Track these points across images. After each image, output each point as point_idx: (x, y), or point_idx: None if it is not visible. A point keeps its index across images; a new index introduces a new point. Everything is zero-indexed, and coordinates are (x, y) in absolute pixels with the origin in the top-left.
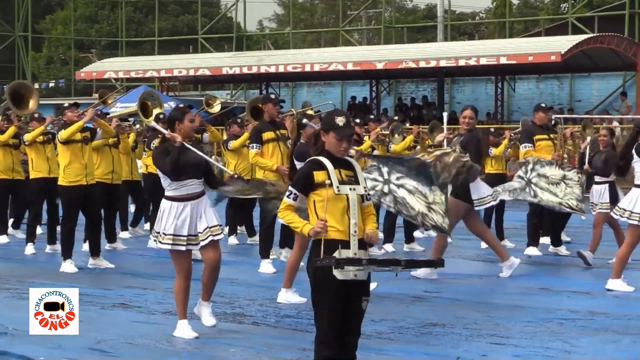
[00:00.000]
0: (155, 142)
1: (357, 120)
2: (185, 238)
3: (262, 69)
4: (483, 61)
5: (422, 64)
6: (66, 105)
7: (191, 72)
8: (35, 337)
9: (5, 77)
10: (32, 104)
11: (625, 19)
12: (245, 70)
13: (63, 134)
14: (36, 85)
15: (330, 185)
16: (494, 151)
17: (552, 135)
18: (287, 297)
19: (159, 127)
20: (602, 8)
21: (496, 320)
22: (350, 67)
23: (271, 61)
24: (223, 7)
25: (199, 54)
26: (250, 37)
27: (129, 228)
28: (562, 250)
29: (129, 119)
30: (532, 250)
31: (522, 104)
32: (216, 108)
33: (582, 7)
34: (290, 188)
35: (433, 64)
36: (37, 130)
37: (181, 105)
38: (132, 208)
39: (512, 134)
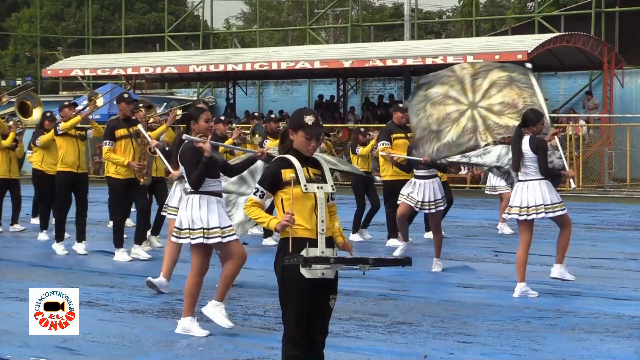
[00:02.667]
0: (41, 139)
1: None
2: (219, 230)
3: (229, 67)
4: (450, 60)
5: (389, 63)
6: None
7: (158, 70)
8: (2, 336)
9: None
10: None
11: (592, 18)
12: (212, 69)
13: None
14: (3, 83)
15: (298, 182)
16: (361, 150)
17: (408, 135)
18: (523, 290)
19: (143, 131)
20: (569, 7)
21: (463, 319)
22: (317, 65)
23: (238, 59)
24: (190, 5)
25: (166, 52)
26: (217, 35)
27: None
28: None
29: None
30: (393, 242)
31: None
32: (99, 102)
33: (548, 6)
34: (257, 185)
35: (400, 62)
36: None
37: (200, 105)
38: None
39: (378, 134)
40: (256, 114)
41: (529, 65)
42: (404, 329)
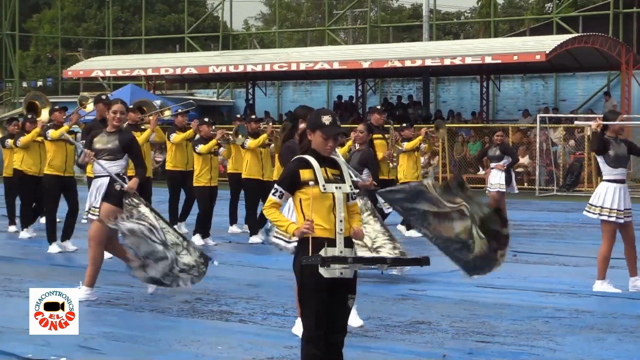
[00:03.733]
0: (22, 140)
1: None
2: None
3: (249, 68)
4: (468, 60)
5: (408, 63)
6: None
7: (178, 71)
8: (23, 334)
9: None
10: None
11: (610, 18)
12: (231, 69)
13: None
14: (24, 84)
15: (316, 184)
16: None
17: (386, 136)
18: (603, 287)
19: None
20: (587, 8)
21: (482, 319)
22: (336, 66)
23: (257, 60)
24: (209, 6)
25: (186, 53)
26: (237, 36)
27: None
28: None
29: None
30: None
31: (508, 103)
32: (89, 107)
33: (566, 7)
34: (276, 186)
35: (419, 63)
36: None
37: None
38: None
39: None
40: (238, 116)
41: None
42: (423, 328)
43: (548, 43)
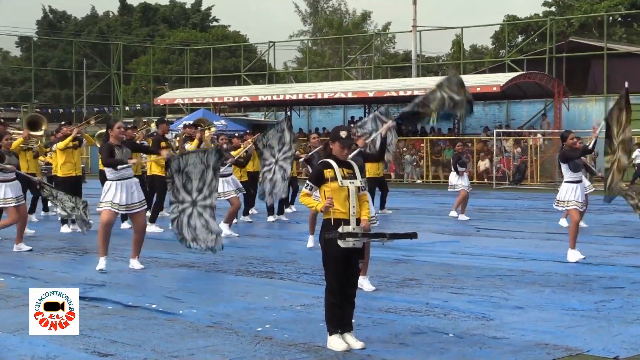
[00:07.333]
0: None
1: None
2: None
3: (287, 97)
4: None
5: (401, 93)
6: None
7: (236, 99)
8: (126, 288)
9: (104, 103)
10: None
11: (546, 61)
12: (274, 98)
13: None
14: (126, 108)
15: (336, 179)
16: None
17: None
18: (574, 255)
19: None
20: (529, 53)
21: (454, 277)
22: (350, 95)
23: (293, 91)
24: (259, 52)
25: (242, 86)
26: (278, 74)
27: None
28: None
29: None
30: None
31: (473, 122)
32: (152, 126)
33: (515, 53)
34: (307, 181)
35: (409, 93)
36: None
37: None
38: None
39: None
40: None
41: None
42: (412, 284)
43: (502, 78)
